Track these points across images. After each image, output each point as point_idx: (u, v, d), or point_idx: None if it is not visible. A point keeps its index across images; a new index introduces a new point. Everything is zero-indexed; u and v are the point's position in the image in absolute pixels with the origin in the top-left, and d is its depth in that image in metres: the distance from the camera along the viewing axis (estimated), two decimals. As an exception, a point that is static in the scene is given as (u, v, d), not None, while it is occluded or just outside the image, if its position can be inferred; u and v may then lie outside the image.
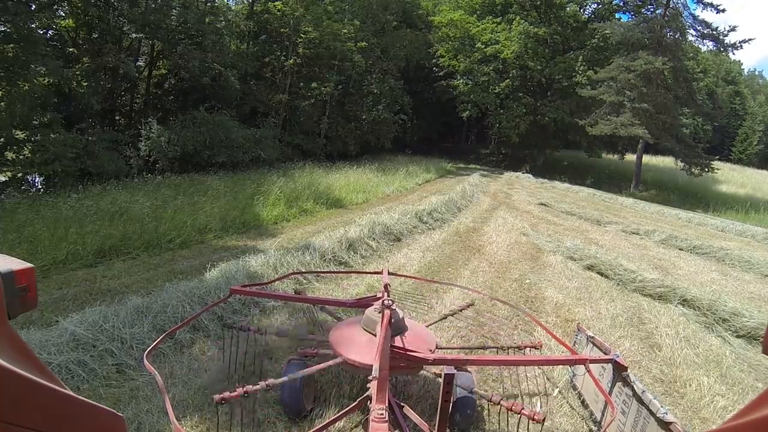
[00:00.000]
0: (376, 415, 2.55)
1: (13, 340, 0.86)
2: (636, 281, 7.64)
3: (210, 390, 3.67)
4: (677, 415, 3.98)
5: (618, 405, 3.55)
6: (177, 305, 4.62)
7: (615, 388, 3.64)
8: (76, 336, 3.88)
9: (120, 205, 9.58)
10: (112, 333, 4.03)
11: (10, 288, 0.94)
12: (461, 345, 4.98)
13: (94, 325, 4.04)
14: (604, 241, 11.93)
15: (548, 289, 7.22)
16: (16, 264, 1.01)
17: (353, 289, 6.42)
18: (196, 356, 4.32)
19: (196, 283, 5.21)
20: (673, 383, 4.66)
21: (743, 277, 9.95)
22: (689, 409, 4.21)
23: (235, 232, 9.37)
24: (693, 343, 5.63)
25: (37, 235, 7.46)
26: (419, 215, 11.60)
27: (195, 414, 3.53)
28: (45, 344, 3.74)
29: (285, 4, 23.89)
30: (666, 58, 24.98)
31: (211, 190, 11.93)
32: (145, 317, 4.32)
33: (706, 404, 4.29)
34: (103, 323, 4.07)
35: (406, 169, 22.80)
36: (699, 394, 4.45)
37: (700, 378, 4.71)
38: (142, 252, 7.78)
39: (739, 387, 4.69)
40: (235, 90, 21.00)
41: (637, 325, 6.10)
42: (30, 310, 1.05)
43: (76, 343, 3.85)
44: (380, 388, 2.79)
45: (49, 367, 3.56)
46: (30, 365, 0.84)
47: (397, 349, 3.46)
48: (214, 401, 2.80)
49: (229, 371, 3.89)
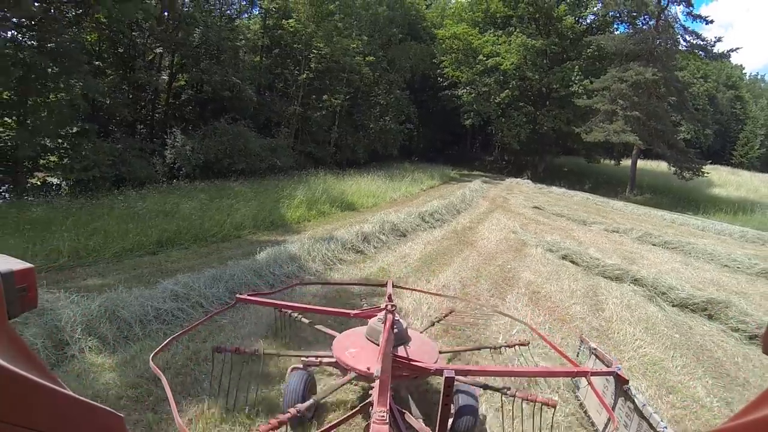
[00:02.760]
0: (377, 417, 2.60)
1: (13, 340, 0.86)
2: (599, 266, 9.26)
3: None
4: (604, 349, 5.57)
5: (621, 418, 3.63)
6: (241, 275, 6.31)
7: (618, 402, 3.73)
8: (174, 292, 5.56)
9: (169, 205, 11.31)
10: (199, 291, 5.71)
11: (10, 288, 0.95)
12: (459, 347, 5.19)
13: (185, 286, 5.72)
14: (585, 238, 13.52)
15: (524, 272, 8.85)
16: (16, 264, 1.01)
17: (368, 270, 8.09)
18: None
19: (251, 261, 6.91)
20: (607, 331, 6.27)
21: (703, 267, 11.50)
22: (613, 346, 5.80)
23: (265, 230, 11.07)
24: (632, 308, 7.24)
25: (106, 228, 9.18)
26: (422, 216, 13.23)
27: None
28: (153, 297, 5.41)
29: (297, 21, 25.57)
30: (656, 69, 26.55)
31: (240, 195, 13.61)
32: (219, 282, 6.00)
33: (627, 344, 5.90)
34: (192, 284, 5.75)
35: (411, 176, 24.39)
36: (623, 338, 6.06)
37: (627, 329, 6.32)
38: (191, 244, 9.49)
39: (659, 336, 6.27)
40: (251, 101, 22.67)
41: (591, 296, 7.73)
42: (30, 310, 1.05)
43: (175, 297, 5.52)
44: (382, 390, 2.86)
45: (157, 312, 5.25)
46: (30, 365, 0.83)
47: (401, 359, 3.58)
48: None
49: (227, 401, 3.81)
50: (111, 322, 4.77)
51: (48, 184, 14.89)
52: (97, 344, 4.51)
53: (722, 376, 5.33)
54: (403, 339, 3.89)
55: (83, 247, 8.20)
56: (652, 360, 5.45)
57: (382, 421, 2.56)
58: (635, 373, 5.00)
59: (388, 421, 2.60)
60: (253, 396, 3.91)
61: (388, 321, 3.72)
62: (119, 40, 19.51)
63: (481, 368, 4.05)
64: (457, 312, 6.22)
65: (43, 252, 7.71)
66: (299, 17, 25.72)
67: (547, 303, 7.17)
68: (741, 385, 5.17)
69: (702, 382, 5.05)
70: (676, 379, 5.06)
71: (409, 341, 3.94)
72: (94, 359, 4.35)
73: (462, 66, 35.57)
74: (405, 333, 3.95)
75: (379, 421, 2.56)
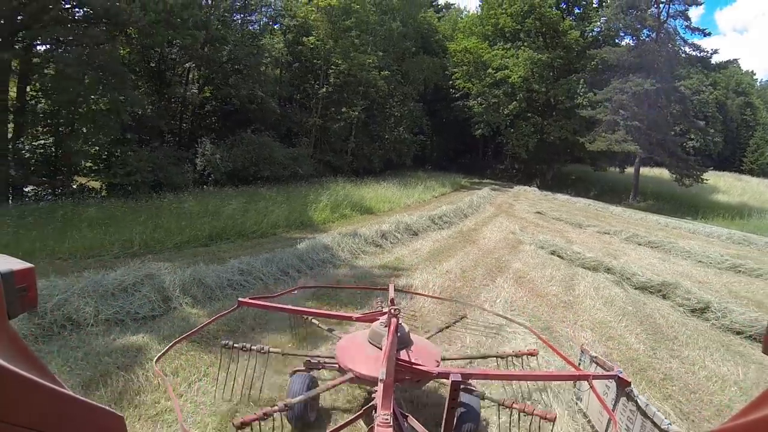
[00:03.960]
0: (381, 420, 2.64)
1: (13, 340, 0.87)
2: (580, 259, 10.94)
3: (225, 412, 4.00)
4: (570, 318, 7.26)
5: (622, 421, 3.68)
6: (287, 259, 8.17)
7: (619, 405, 3.78)
8: (240, 268, 7.41)
9: (212, 207, 13.23)
10: (257, 269, 7.55)
11: (10, 288, 0.95)
12: (464, 355, 5.30)
13: (247, 264, 7.57)
14: (577, 238, 15.15)
15: (515, 263, 10.56)
16: (16, 264, 1.02)
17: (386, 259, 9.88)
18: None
19: (293, 249, 8.76)
20: (573, 304, 7.96)
21: (678, 262, 13.05)
22: (573, 313, 7.48)
23: (296, 229, 12.92)
24: (599, 289, 8.90)
25: (165, 225, 11.07)
26: (432, 218, 14.97)
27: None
28: (225, 271, 7.23)
29: (317, 38, 27.54)
30: (654, 80, 28.10)
31: (272, 199, 15.47)
32: (272, 263, 7.84)
33: (586, 311, 7.59)
34: (252, 263, 7.59)
35: (424, 183, 26.08)
36: (584, 308, 7.75)
37: (590, 302, 8.01)
38: (236, 239, 11.37)
39: (614, 307, 7.91)
40: (274, 113, 24.60)
41: (567, 281, 9.41)
42: (30, 310, 1.08)
43: (240, 272, 7.36)
44: (386, 394, 2.90)
45: (229, 282, 7.06)
46: (30, 365, 0.84)
47: (403, 363, 3.63)
48: (234, 426, 2.87)
49: (232, 394, 4.07)
50: (198, 286, 6.63)
51: (86, 187, 16.67)
52: (191, 301, 6.37)
53: (655, 333, 6.98)
54: (406, 343, 3.96)
55: (150, 239, 10.12)
56: (603, 321, 7.15)
57: (385, 424, 2.60)
58: (585, 329, 6.71)
59: (392, 424, 2.64)
60: (256, 393, 4.10)
61: (392, 325, 3.74)
62: (151, 56, 21.55)
63: (484, 372, 3.99)
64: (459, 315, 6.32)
65: (118, 242, 9.66)
66: (318, 34, 27.70)
67: (530, 284, 8.88)
68: (668, 339, 6.81)
69: (636, 336, 6.72)
70: (617, 332, 6.75)
71: (412, 345, 4.01)
72: (191, 310, 6.19)
73: (473, 78, 37.34)
74: (407, 337, 4.03)
75: (383, 424, 2.60)
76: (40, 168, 15.71)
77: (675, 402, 4.92)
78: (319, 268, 8.46)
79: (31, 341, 4.86)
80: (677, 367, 5.83)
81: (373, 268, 8.97)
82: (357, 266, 9.17)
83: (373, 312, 4.95)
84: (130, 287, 6.02)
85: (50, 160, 16.10)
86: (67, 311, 5.37)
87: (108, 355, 4.78)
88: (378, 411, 2.80)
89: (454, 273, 9.25)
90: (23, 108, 15.08)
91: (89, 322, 5.39)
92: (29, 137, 15.66)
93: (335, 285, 7.46)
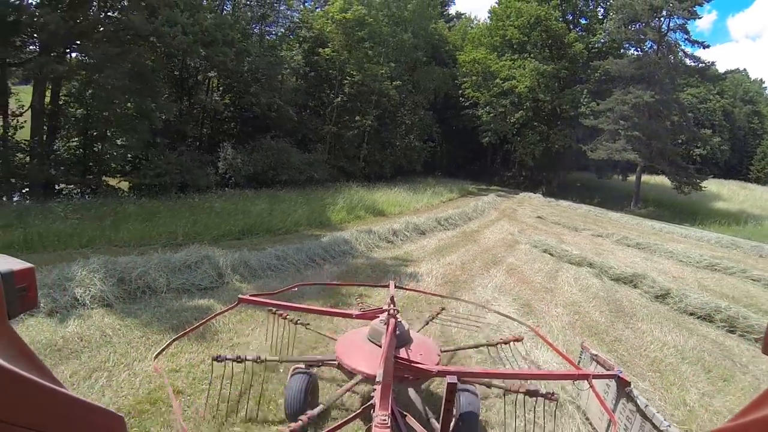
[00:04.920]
0: (378, 421, 2.68)
1: (13, 340, 0.87)
2: (567, 256, 12.38)
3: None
4: (547, 299, 8.71)
5: (621, 421, 3.75)
6: (314, 249, 9.77)
7: (619, 405, 3.85)
8: (276, 255, 8.98)
9: (240, 206, 14.84)
10: (290, 256, 9.10)
11: (10, 288, 0.96)
12: (459, 346, 5.55)
13: (282, 251, 9.14)
14: (571, 240, 16.54)
15: (509, 258, 12.04)
16: (16, 264, 1.03)
17: (397, 252, 11.40)
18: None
19: (318, 243, 10.33)
20: (553, 289, 9.41)
21: (660, 261, 14.42)
22: (551, 296, 8.93)
23: (316, 227, 14.47)
24: (579, 279, 10.34)
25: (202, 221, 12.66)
26: (438, 220, 16.46)
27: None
28: (264, 256, 8.80)
29: (333, 49, 29.19)
30: (653, 92, 29.47)
31: (293, 201, 17.06)
32: (301, 252, 9.42)
33: (562, 295, 9.03)
34: (285, 251, 9.15)
35: (433, 189, 27.58)
36: (562, 292, 9.21)
37: (568, 288, 9.46)
38: (264, 234, 12.92)
39: (588, 293, 9.34)
40: (291, 120, 26.21)
41: (552, 273, 10.88)
42: (30, 310, 1.33)
43: (276, 258, 8.93)
44: (384, 394, 2.93)
45: (268, 265, 8.63)
46: (30, 365, 0.85)
47: (402, 361, 3.68)
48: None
49: (226, 410, 4.04)
50: (244, 267, 8.22)
51: (113, 187, 18.03)
52: (239, 277, 7.94)
53: (617, 311, 8.42)
54: (405, 340, 4.02)
55: (191, 232, 11.72)
56: (575, 302, 8.62)
57: (383, 425, 2.63)
58: (558, 306, 8.18)
59: (390, 425, 2.66)
60: (253, 404, 4.17)
61: (390, 325, 3.80)
62: (174, 64, 23.02)
63: (483, 371, 4.10)
64: (458, 311, 6.88)
65: (165, 233, 11.25)
66: (333, 45, 29.34)
67: (519, 275, 10.36)
68: (627, 316, 8.25)
69: (600, 312, 8.18)
70: (585, 310, 8.21)
71: (411, 342, 4.07)
72: (240, 284, 7.76)
73: (481, 88, 38.85)
74: (407, 334, 4.09)
75: (381, 425, 2.62)
76: (73, 168, 17.26)
77: (618, 355, 6.38)
78: (340, 258, 10.02)
79: (120, 302, 6.45)
80: (629, 334, 7.29)
81: (385, 259, 10.50)
82: (372, 257, 10.71)
83: (373, 309, 5.04)
84: (192, 264, 7.61)
85: (82, 162, 17.63)
86: (146, 280, 6.96)
87: (185, 311, 6.35)
88: (376, 411, 2.83)
89: (455, 264, 10.74)
90: (56, 113, 16.56)
91: (163, 289, 6.98)
92: (63, 140, 17.34)
93: (334, 283, 7.81)
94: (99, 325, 5.70)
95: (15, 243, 9.01)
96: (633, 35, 33.14)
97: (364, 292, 7.68)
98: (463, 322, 6.15)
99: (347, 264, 9.76)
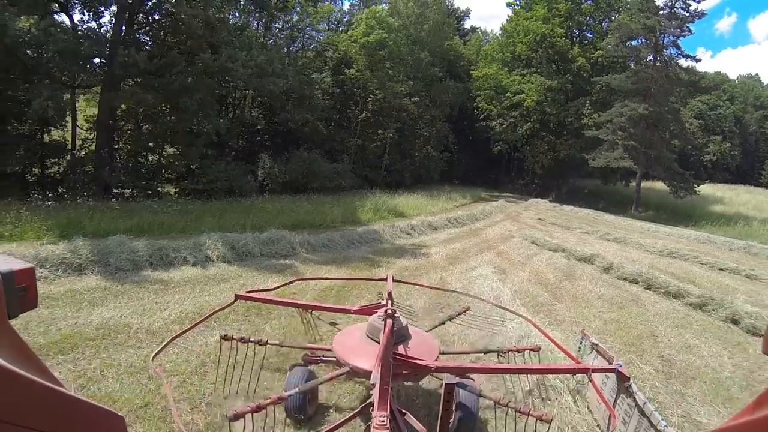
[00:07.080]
0: (377, 421, 2.69)
1: (13, 340, 0.88)
2: (549, 245, 15.76)
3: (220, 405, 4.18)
4: (519, 269, 12.12)
5: (620, 414, 3.83)
6: (351, 236, 13.42)
7: (618, 398, 3.94)
8: (327, 237, 12.63)
9: (286, 207, 18.57)
10: (336, 240, 12.75)
11: (10, 288, 0.97)
12: (463, 350, 5.39)
13: (330, 236, 12.80)
14: (560, 235, 19.82)
15: (501, 246, 15.51)
16: (17, 264, 1.04)
17: (414, 241, 15.00)
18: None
19: (354, 231, 13.99)
20: (527, 264, 12.84)
21: (630, 251, 17.59)
22: (522, 268, 12.35)
23: (349, 224, 18.05)
24: (551, 259, 13.74)
25: (262, 216, 16.34)
26: (449, 220, 20.00)
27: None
28: (319, 238, 12.45)
29: (357, 69, 32.97)
30: (647, 104, 32.63)
31: (327, 203, 20.74)
32: (344, 238, 13.13)
33: (531, 268, 12.44)
34: (331, 235, 12.82)
35: (448, 195, 31.06)
36: (532, 267, 12.61)
37: (539, 264, 12.88)
38: (309, 228, 16.52)
39: (553, 267, 12.70)
40: (321, 134, 29.89)
41: (531, 255, 14.32)
42: (30, 310, 1.07)
43: (328, 240, 12.61)
44: (382, 395, 2.97)
45: (321, 244, 12.31)
46: (30, 365, 0.85)
47: (401, 357, 3.74)
48: (228, 418, 2.96)
49: (230, 385, 4.22)
50: (308, 244, 11.88)
51: (165, 192, 21.55)
52: (305, 251, 11.61)
53: (568, 277, 11.78)
54: (404, 336, 4.02)
55: (255, 223, 15.33)
56: (540, 270, 12.07)
57: (382, 425, 2.66)
58: (526, 272, 11.63)
59: (389, 425, 2.70)
60: (254, 385, 4.32)
61: (387, 325, 3.83)
62: (217, 84, 26.55)
63: (482, 366, 4.06)
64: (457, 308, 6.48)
65: (238, 224, 14.83)
66: (357, 66, 33.10)
67: (504, 255, 13.84)
68: (574, 278, 11.58)
69: (554, 275, 11.58)
70: (544, 275, 11.64)
71: (410, 339, 4.06)
72: (308, 255, 11.42)
73: (493, 101, 42.32)
74: (405, 330, 4.08)
75: (380, 426, 2.66)
76: (131, 175, 20.72)
77: (556, 295, 9.80)
78: (372, 243, 13.66)
79: (229, 260, 10.12)
80: (569, 286, 10.71)
81: (405, 245, 14.09)
82: (395, 244, 14.37)
83: (371, 305, 5.03)
84: (275, 240, 11.34)
85: (141, 170, 21.27)
86: (248, 248, 10.71)
87: (274, 267, 10.03)
88: (374, 411, 2.85)
89: (457, 249, 14.25)
90: (115, 128, 20.25)
91: (256, 255, 10.71)
92: (127, 152, 21.28)
93: (332, 277, 8.57)
94: (226, 270, 9.45)
95: (133, 228, 12.25)
96: (630, 52, 36.35)
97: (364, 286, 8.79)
98: (479, 325, 5.94)
99: (377, 246, 13.38)
